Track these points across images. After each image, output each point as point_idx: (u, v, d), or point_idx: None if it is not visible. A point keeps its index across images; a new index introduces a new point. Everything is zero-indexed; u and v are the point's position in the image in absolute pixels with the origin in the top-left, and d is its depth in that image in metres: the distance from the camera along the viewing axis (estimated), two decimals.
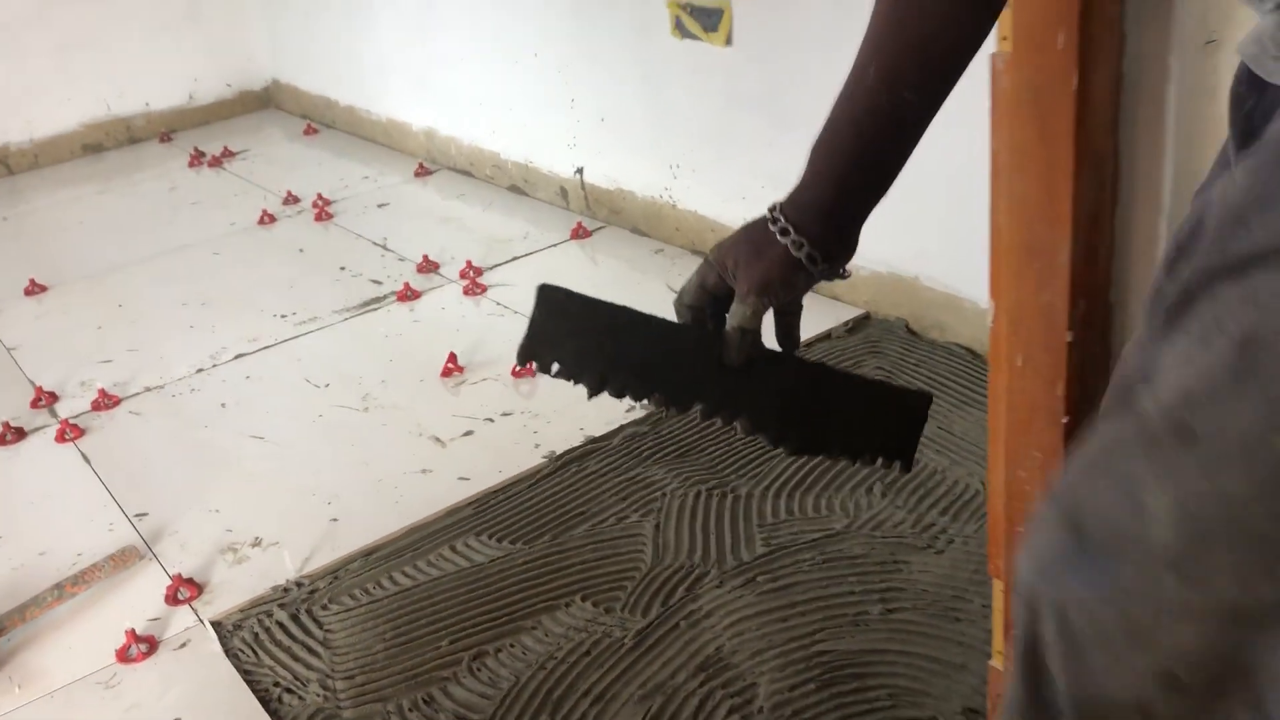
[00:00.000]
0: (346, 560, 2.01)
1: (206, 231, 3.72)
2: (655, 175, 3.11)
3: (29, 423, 2.61)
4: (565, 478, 2.15)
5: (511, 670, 1.71)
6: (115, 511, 2.24)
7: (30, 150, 4.78)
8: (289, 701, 1.71)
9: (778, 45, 2.60)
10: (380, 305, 3.01)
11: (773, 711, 1.57)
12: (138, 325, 3.08)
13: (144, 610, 1.94)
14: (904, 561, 1.83)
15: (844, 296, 2.68)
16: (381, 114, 4.35)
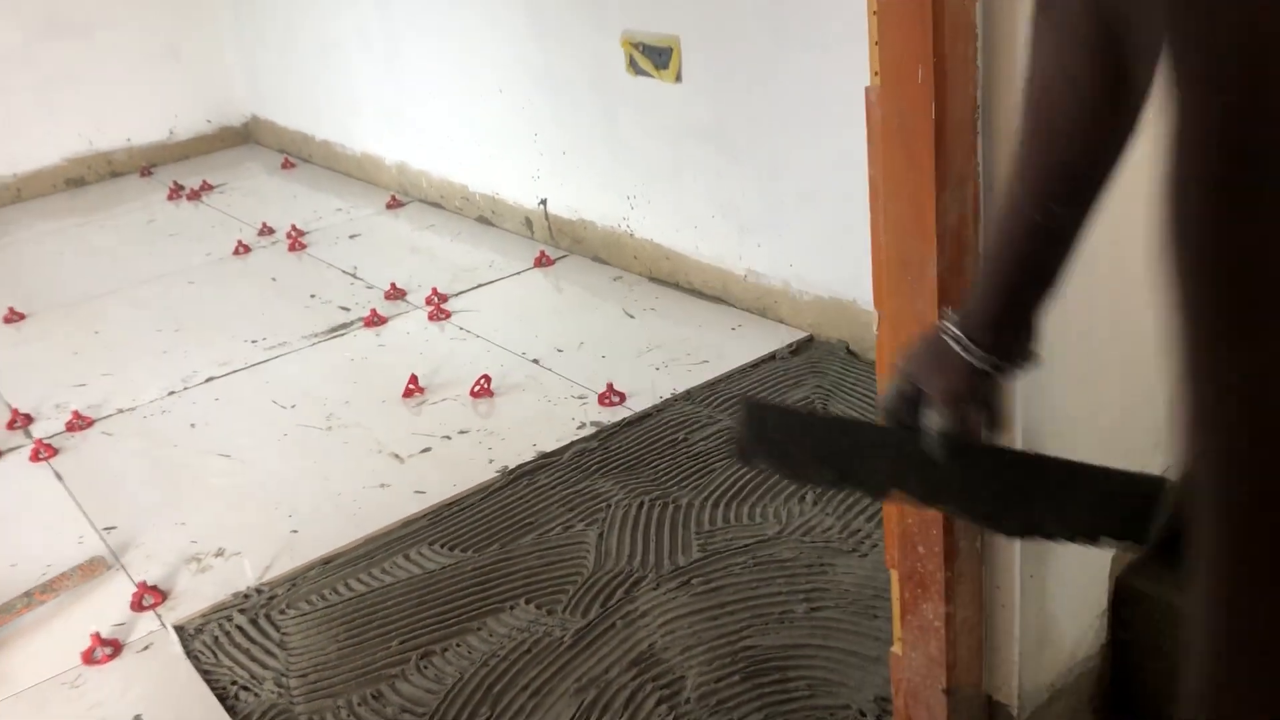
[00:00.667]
0: (305, 569, 2.11)
1: (183, 261, 3.83)
2: (614, 206, 3.24)
3: (4, 443, 2.70)
4: (517, 490, 2.26)
5: (456, 668, 1.81)
6: (85, 525, 2.33)
7: (13, 184, 4.89)
8: (244, 699, 1.80)
9: (724, 81, 2.73)
10: (348, 330, 3.12)
11: (699, 702, 1.67)
12: (113, 351, 3.18)
13: (110, 616, 2.03)
14: (830, 564, 1.94)
15: (788, 320, 2.81)
16: (356, 148, 4.48)
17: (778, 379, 2.58)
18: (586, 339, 2.88)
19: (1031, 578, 1.38)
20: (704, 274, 3.02)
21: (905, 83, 1.15)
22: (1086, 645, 1.50)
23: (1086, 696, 1.52)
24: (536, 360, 2.79)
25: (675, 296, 3.08)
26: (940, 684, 1.42)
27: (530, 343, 2.90)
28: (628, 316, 3.00)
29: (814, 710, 1.64)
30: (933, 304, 1.22)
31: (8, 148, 4.83)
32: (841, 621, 1.80)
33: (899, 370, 1.03)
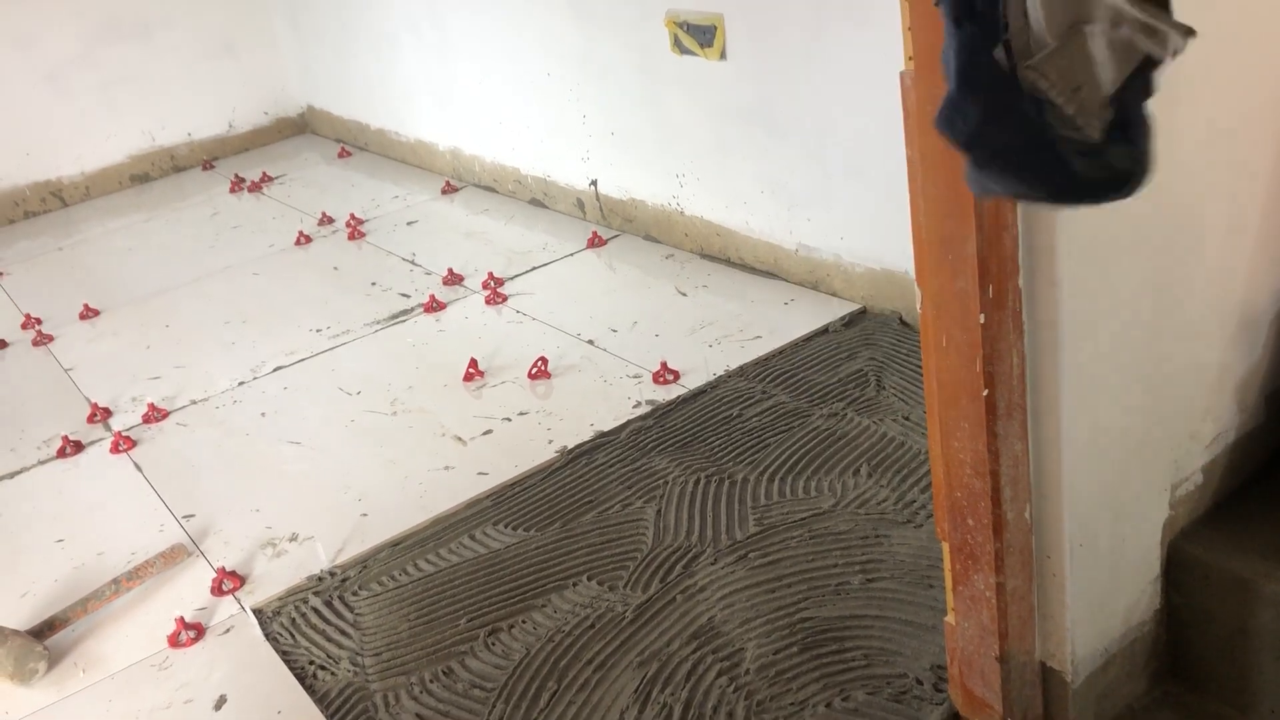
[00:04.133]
0: (375, 551, 2.19)
1: (246, 253, 3.93)
2: (663, 184, 3.27)
3: (86, 436, 2.82)
4: (576, 470, 2.31)
5: (523, 644, 1.87)
6: (165, 514, 2.43)
7: (81, 183, 5.04)
8: (323, 678, 1.88)
9: (768, 58, 2.74)
10: (408, 317, 3.19)
11: (758, 673, 1.72)
12: (183, 343, 3.29)
13: (192, 601, 2.13)
14: (885, 535, 1.97)
15: (841, 293, 2.82)
16: (410, 135, 4.55)
17: (831, 352, 2.60)
18: (640, 318, 2.92)
19: (1081, 546, 1.40)
20: (755, 249, 3.04)
21: (938, 67, 1.16)
22: (1140, 611, 1.52)
23: (1141, 661, 1.54)
24: (591, 341, 2.84)
25: (727, 272, 3.11)
26: (994, 652, 1.45)
27: (585, 324, 2.94)
28: (680, 294, 3.03)
29: (871, 679, 1.67)
30: (974, 281, 1.24)
31: (76, 148, 4.98)
32: (897, 592, 1.83)
33: None
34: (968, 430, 1.33)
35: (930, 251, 1.29)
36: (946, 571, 1.49)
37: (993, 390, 1.29)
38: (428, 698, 1.79)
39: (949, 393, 1.34)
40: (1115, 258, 1.28)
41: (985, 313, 1.25)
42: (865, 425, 2.29)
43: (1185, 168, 1.29)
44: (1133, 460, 1.41)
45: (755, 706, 1.66)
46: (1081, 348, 1.29)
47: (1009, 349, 1.29)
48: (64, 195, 5.01)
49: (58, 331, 3.53)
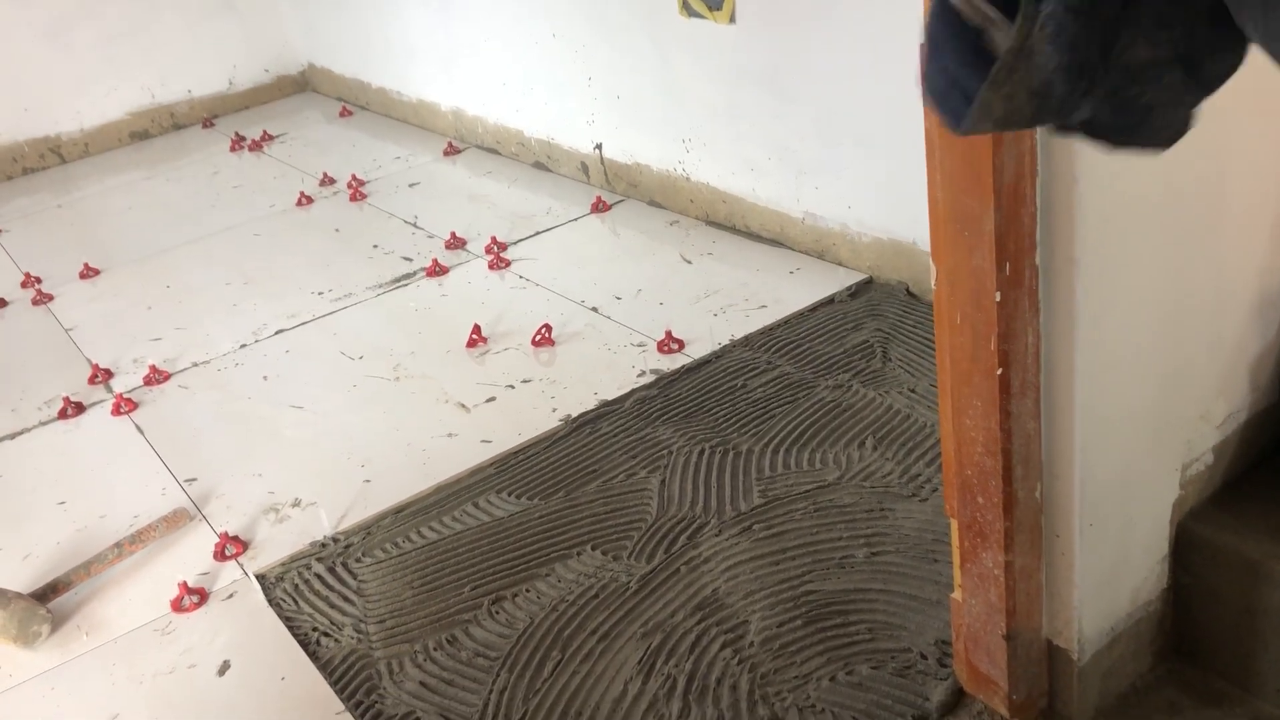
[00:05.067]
0: (378, 517, 2.18)
1: (248, 214, 3.90)
2: (669, 149, 3.24)
3: (87, 398, 2.81)
4: (580, 438, 2.31)
5: (527, 613, 1.87)
6: (167, 477, 2.43)
7: (81, 139, 5.00)
8: (326, 644, 1.88)
9: (779, 22, 2.70)
10: (411, 281, 3.17)
11: (761, 646, 1.72)
12: (184, 305, 3.27)
13: (195, 566, 2.13)
14: (890, 509, 1.96)
15: (847, 262, 2.80)
16: (412, 95, 4.50)
17: (837, 323, 2.59)
18: (644, 286, 2.91)
19: (1091, 526, 1.39)
20: (761, 217, 3.02)
21: None
22: (1148, 590, 1.51)
23: (1147, 640, 1.54)
24: (595, 308, 2.82)
25: (732, 240, 3.08)
26: (1000, 630, 1.45)
27: (589, 290, 2.93)
28: (685, 262, 3.01)
29: (875, 653, 1.67)
30: (990, 259, 1.23)
31: (74, 104, 4.93)
32: (902, 566, 1.83)
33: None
34: (980, 408, 1.32)
35: (947, 227, 1.27)
36: (954, 548, 1.48)
37: (1007, 369, 1.28)
38: (431, 666, 1.79)
39: (962, 370, 1.33)
40: (1135, 236, 1.26)
41: (1001, 291, 1.23)
42: (871, 397, 2.28)
43: (1206, 145, 1.27)
44: (1145, 440, 1.40)
45: (759, 679, 1.66)
46: (1098, 326, 1.27)
47: (1024, 327, 1.27)
48: (63, 152, 4.97)
49: (57, 290, 3.51)
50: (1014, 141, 1.18)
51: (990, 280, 1.23)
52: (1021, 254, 1.23)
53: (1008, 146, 1.17)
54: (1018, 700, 1.49)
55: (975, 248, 1.23)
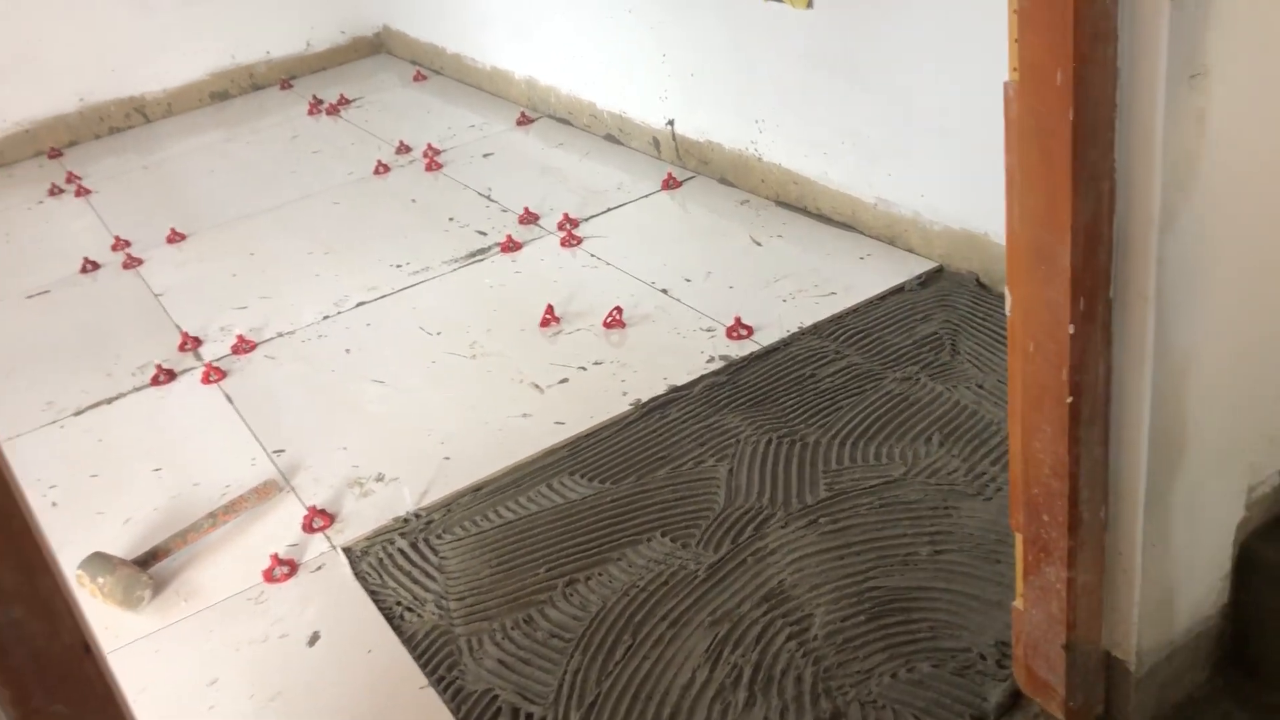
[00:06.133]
0: (458, 495, 2.27)
1: (326, 181, 4.00)
2: (741, 129, 3.26)
3: (178, 365, 2.93)
4: (650, 423, 2.38)
5: (600, 596, 1.95)
6: (256, 448, 2.54)
7: (164, 99, 5.12)
8: (409, 619, 1.99)
9: (855, 10, 2.71)
10: (485, 256, 3.24)
11: (825, 639, 1.79)
12: (268, 273, 3.38)
13: (284, 537, 2.24)
14: (954, 507, 2.01)
15: (918, 250, 2.82)
16: (486, 62, 4.55)
17: (906, 312, 2.62)
18: (714, 268, 2.95)
19: (1154, 546, 1.43)
20: (833, 200, 3.04)
21: (1044, 84, 1.17)
22: (1207, 606, 1.55)
23: (1205, 653, 1.58)
24: (665, 290, 2.88)
25: (803, 222, 3.11)
26: (1060, 640, 1.50)
27: (659, 271, 2.98)
28: (755, 244, 3.05)
29: (936, 652, 1.73)
30: (1065, 294, 1.26)
31: (159, 64, 5.06)
32: (964, 565, 1.88)
33: None
34: (1049, 434, 1.36)
35: (1023, 259, 1.30)
36: (1018, 560, 1.53)
37: (1077, 398, 1.31)
38: (509, 644, 1.89)
39: (1033, 396, 1.37)
40: (1210, 274, 1.28)
41: (1075, 324, 1.27)
42: (938, 391, 2.32)
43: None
44: (1211, 465, 1.44)
45: (822, 672, 1.73)
46: (1170, 360, 1.30)
47: (1096, 359, 1.31)
48: (146, 111, 5.10)
49: (146, 255, 3.63)
50: (1093, 182, 1.21)
51: (1064, 314, 1.27)
52: (1096, 290, 1.26)
53: (1087, 187, 1.20)
54: (1074, 707, 1.55)
55: (1051, 281, 1.27)
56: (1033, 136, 1.21)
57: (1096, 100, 1.17)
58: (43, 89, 4.88)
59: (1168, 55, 1.13)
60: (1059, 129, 1.17)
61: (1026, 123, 1.21)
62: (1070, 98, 1.15)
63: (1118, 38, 1.14)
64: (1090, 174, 1.20)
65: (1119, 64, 1.16)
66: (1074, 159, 1.18)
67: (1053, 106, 1.17)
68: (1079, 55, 1.13)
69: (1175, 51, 1.13)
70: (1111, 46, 1.15)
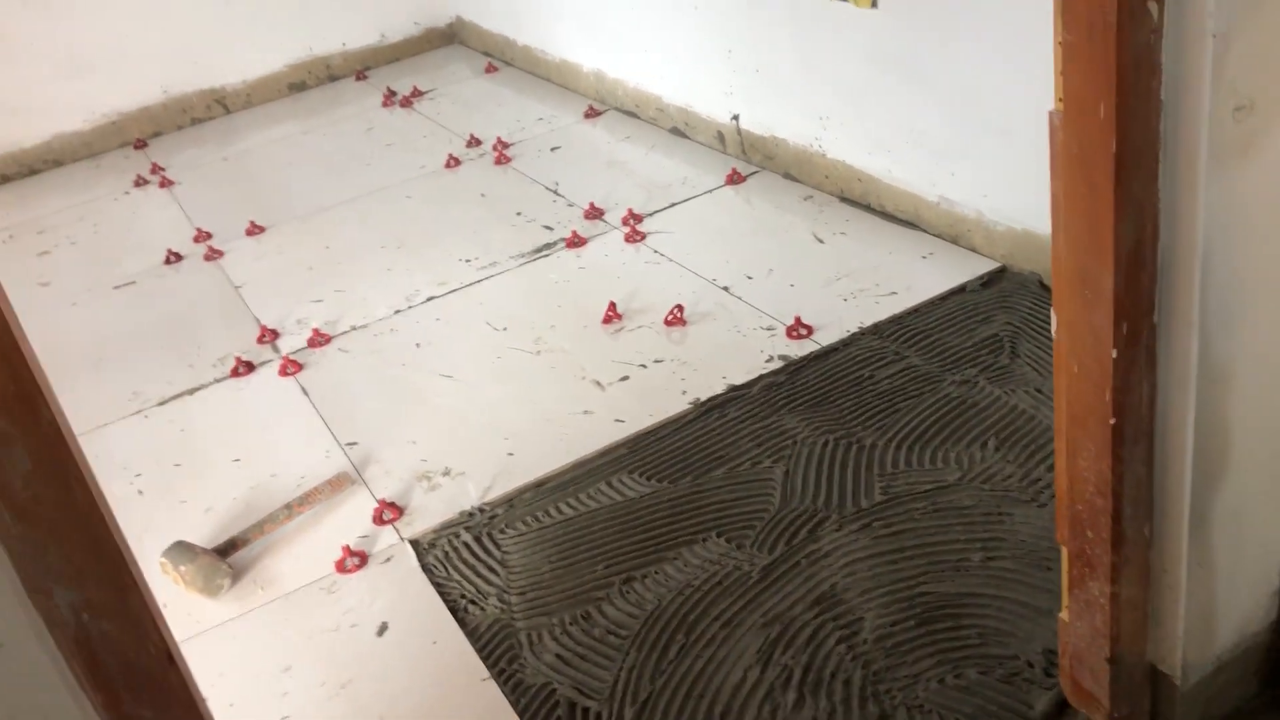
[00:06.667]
0: (520, 491, 2.35)
1: (400, 174, 4.09)
2: (806, 125, 3.27)
3: (256, 357, 3.05)
4: (708, 423, 2.42)
5: (655, 594, 2.01)
6: (330, 440, 2.64)
7: (243, 91, 5.27)
8: (473, 611, 2.07)
9: (922, 11, 2.71)
10: (551, 251, 3.31)
11: (875, 643, 1.83)
12: (343, 266, 3.49)
13: (355, 529, 2.33)
14: (1008, 514, 2.03)
15: (981, 249, 2.82)
16: (555, 55, 4.61)
17: (967, 313, 2.62)
18: (776, 265, 2.98)
19: (1199, 565, 1.44)
20: (896, 198, 3.05)
21: (1087, 116, 1.19)
22: (1255, 622, 1.56)
23: (1253, 668, 1.59)
24: (727, 287, 2.92)
25: (866, 219, 3.12)
26: (1104, 653, 1.52)
27: (721, 268, 3.02)
28: (817, 241, 3.07)
29: (984, 659, 1.76)
30: (1109, 318, 1.28)
31: (240, 56, 5.20)
32: (1016, 572, 1.91)
33: None
34: (1093, 452, 1.39)
35: (1068, 283, 1.32)
36: (1064, 573, 1.55)
37: (1121, 419, 1.33)
38: (568, 639, 1.96)
39: (1077, 414, 1.39)
40: (1254, 298, 1.29)
41: (1118, 348, 1.29)
42: (996, 395, 2.33)
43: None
44: (1257, 483, 1.44)
45: (871, 676, 1.77)
46: (1214, 383, 1.32)
47: (1139, 381, 1.33)
48: (227, 102, 5.25)
49: (227, 247, 3.76)
50: (1136, 210, 1.22)
51: (1108, 337, 1.29)
52: (1140, 315, 1.28)
53: (1130, 215, 1.22)
54: (1119, 718, 1.57)
55: (1094, 305, 1.29)
56: (1077, 165, 1.23)
57: (1140, 132, 1.18)
58: (129, 81, 5.05)
59: (1211, 88, 1.14)
60: (1102, 159, 1.19)
61: (1071, 151, 1.23)
62: (1113, 129, 1.17)
63: (1162, 70, 1.16)
64: (1133, 203, 1.21)
65: (1163, 96, 1.17)
66: (1116, 188, 1.20)
67: (1096, 137, 1.19)
68: (1122, 88, 1.15)
69: (1219, 85, 1.14)
70: (1156, 79, 1.16)
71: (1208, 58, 1.12)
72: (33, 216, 4.39)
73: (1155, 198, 1.22)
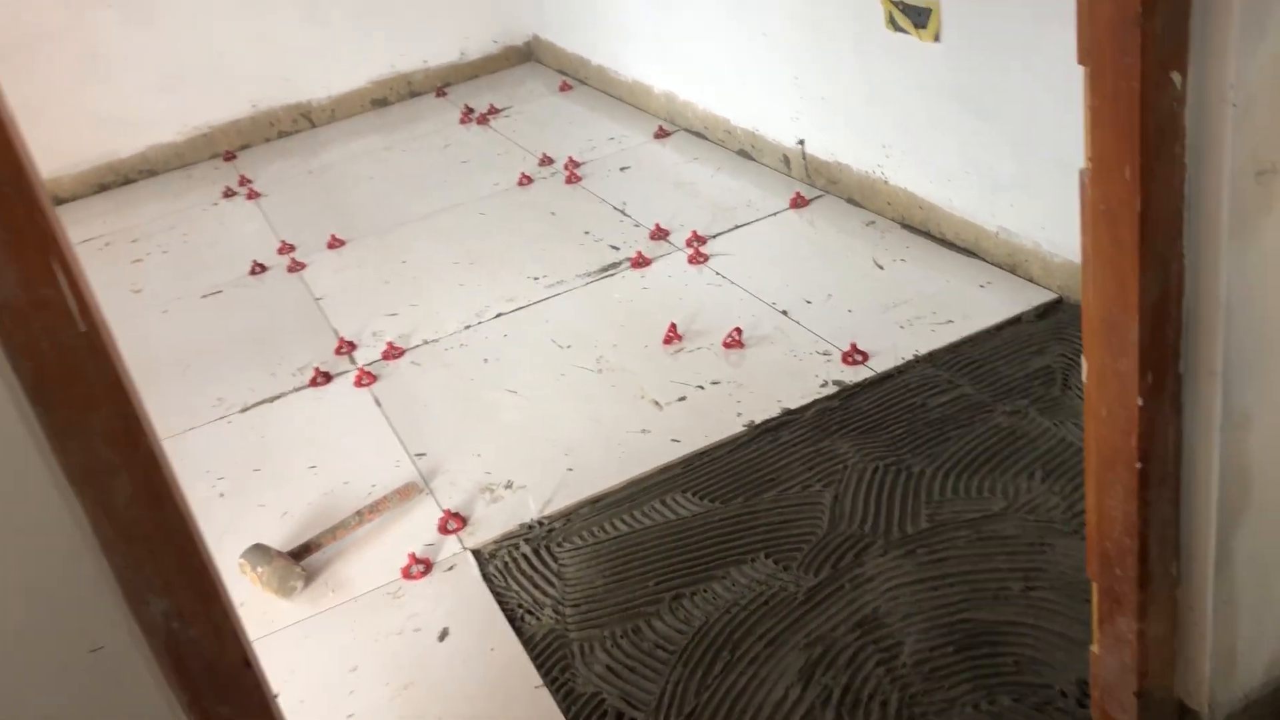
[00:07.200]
0: (578, 505, 2.44)
1: (474, 191, 4.23)
2: (869, 152, 3.33)
3: (334, 368, 3.19)
4: (761, 445, 2.50)
5: (703, 612, 2.09)
6: (400, 451, 2.77)
7: (329, 105, 5.47)
8: (529, 621, 2.17)
9: (983, 46, 2.76)
10: (616, 271, 3.41)
11: (913, 667, 1.89)
12: (418, 281, 3.63)
13: (421, 537, 2.45)
14: (1050, 544, 2.08)
15: (1039, 279, 2.85)
16: (628, 75, 4.72)
17: (1022, 344, 2.66)
18: (835, 290, 3.04)
19: (1225, 603, 1.49)
20: (956, 226, 3.09)
21: (1114, 176, 1.25)
22: None
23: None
24: (785, 312, 2.99)
25: (926, 246, 3.17)
26: (1132, 687, 1.57)
27: (781, 292, 3.09)
28: (877, 267, 3.13)
29: (1019, 686, 1.81)
30: (1134, 367, 1.34)
31: (327, 73, 5.39)
32: (1055, 603, 1.95)
33: None
34: (1120, 493, 1.44)
35: (1096, 331, 1.38)
36: (1094, 607, 1.60)
37: (1146, 463, 1.39)
38: (617, 652, 2.05)
39: (1106, 456, 1.44)
40: (1274, 351, 1.34)
41: (1143, 396, 1.34)
42: (1045, 427, 2.37)
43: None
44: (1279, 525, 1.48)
45: (908, 699, 1.83)
46: (1237, 431, 1.36)
47: (1165, 426, 1.38)
48: (312, 117, 5.45)
49: (309, 259, 3.93)
50: (1161, 266, 1.28)
51: (1133, 385, 1.34)
52: (1165, 364, 1.33)
53: (1155, 270, 1.28)
54: None
55: (1121, 354, 1.35)
56: (1104, 221, 1.29)
57: (1164, 192, 1.24)
58: (221, 95, 5.27)
59: (1232, 154, 1.19)
60: (1128, 217, 1.25)
61: (1099, 208, 1.29)
62: (1138, 190, 1.23)
63: (1185, 135, 1.21)
64: (1158, 258, 1.27)
65: (1186, 160, 1.23)
66: (1141, 245, 1.25)
67: (1122, 196, 1.25)
68: (1145, 152, 1.21)
69: (1241, 150, 1.19)
70: (1179, 144, 1.22)
71: (1229, 126, 1.18)
72: (128, 225, 4.61)
73: (1180, 254, 1.28)
